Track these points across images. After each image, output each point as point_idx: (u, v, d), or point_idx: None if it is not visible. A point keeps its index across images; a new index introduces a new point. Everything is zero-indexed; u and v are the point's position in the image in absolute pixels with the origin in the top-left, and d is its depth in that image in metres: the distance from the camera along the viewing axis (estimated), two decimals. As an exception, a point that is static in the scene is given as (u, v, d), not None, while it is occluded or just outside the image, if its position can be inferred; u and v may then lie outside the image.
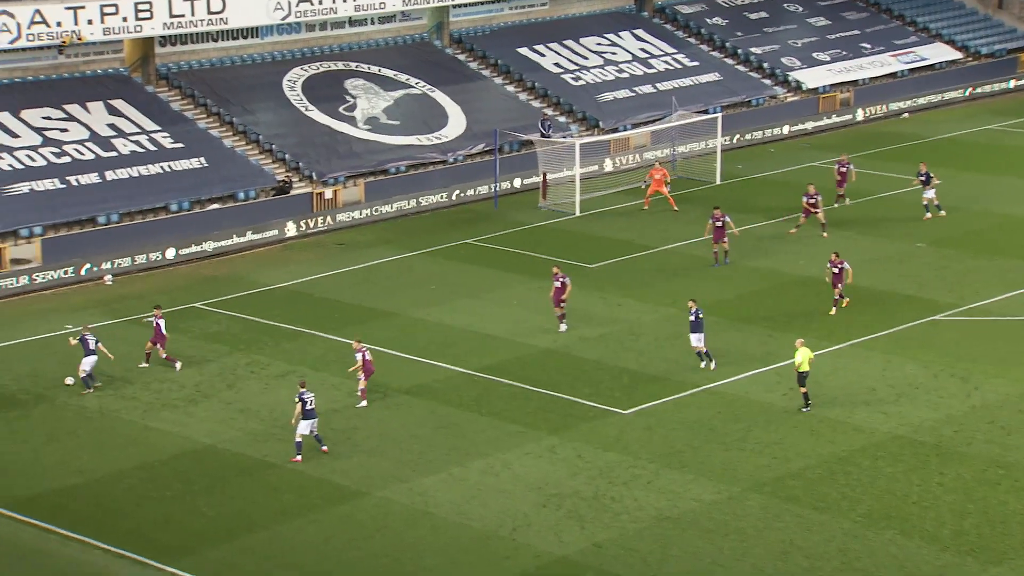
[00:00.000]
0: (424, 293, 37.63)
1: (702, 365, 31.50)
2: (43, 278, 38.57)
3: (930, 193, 42.47)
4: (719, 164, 48.39)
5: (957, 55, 61.22)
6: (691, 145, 50.73)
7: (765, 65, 57.57)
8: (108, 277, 39.38)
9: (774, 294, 36.82)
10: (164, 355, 32.16)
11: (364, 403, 30.21)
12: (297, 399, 27.67)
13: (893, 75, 59.11)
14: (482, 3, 54.64)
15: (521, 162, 48.28)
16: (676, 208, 44.41)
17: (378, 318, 35.70)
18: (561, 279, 33.76)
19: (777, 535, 24.49)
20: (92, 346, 30.80)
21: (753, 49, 58.25)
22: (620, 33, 57.17)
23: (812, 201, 41.50)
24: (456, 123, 49.74)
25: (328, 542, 24.54)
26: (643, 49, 56.54)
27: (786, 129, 54.58)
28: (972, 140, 53.06)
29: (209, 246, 41.50)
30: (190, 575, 23.38)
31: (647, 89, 54.10)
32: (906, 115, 57.42)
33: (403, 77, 51.10)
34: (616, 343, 33.42)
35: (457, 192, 46.70)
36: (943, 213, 41.66)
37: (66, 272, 38.90)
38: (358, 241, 42.92)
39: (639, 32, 57.58)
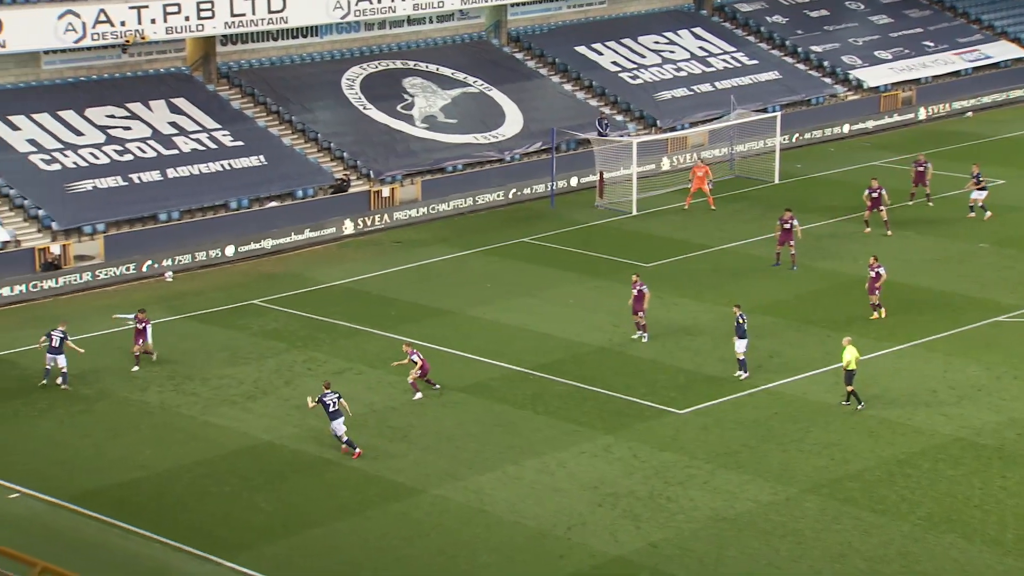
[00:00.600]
0: (480, 291, 37.69)
1: (736, 373, 30.98)
2: (105, 274, 39.14)
3: (980, 195, 41.59)
4: (777, 163, 48.02)
5: (1022, 53, 60.26)
6: (749, 144, 50.38)
7: (825, 63, 57.04)
8: (168, 274, 39.88)
9: (833, 294, 36.47)
10: (135, 351, 32.10)
11: (419, 395, 30.34)
12: (317, 401, 27.57)
13: (956, 73, 58.33)
14: (540, 1, 54.62)
15: (578, 161, 48.23)
16: (714, 207, 44.11)
17: (434, 316, 35.82)
18: (639, 287, 33.07)
19: (835, 537, 24.28)
20: (56, 344, 30.68)
21: (813, 47, 57.74)
22: (679, 31, 56.91)
23: (875, 195, 41.10)
24: (513, 122, 49.78)
25: (384, 539, 24.68)
26: (702, 47, 56.24)
27: (846, 128, 54.06)
28: (1037, 139, 52.27)
29: (268, 243, 41.87)
30: (248, 570, 23.61)
31: (705, 88, 53.81)
32: (969, 114, 56.64)
33: (460, 76, 51.21)
34: (672, 343, 33.28)
35: (513, 191, 46.75)
36: (988, 215, 40.82)
37: (128, 268, 39.44)
38: (415, 239, 43.09)
39: (698, 30, 57.28)
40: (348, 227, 43.58)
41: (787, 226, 38.32)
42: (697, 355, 32.59)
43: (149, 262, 39.86)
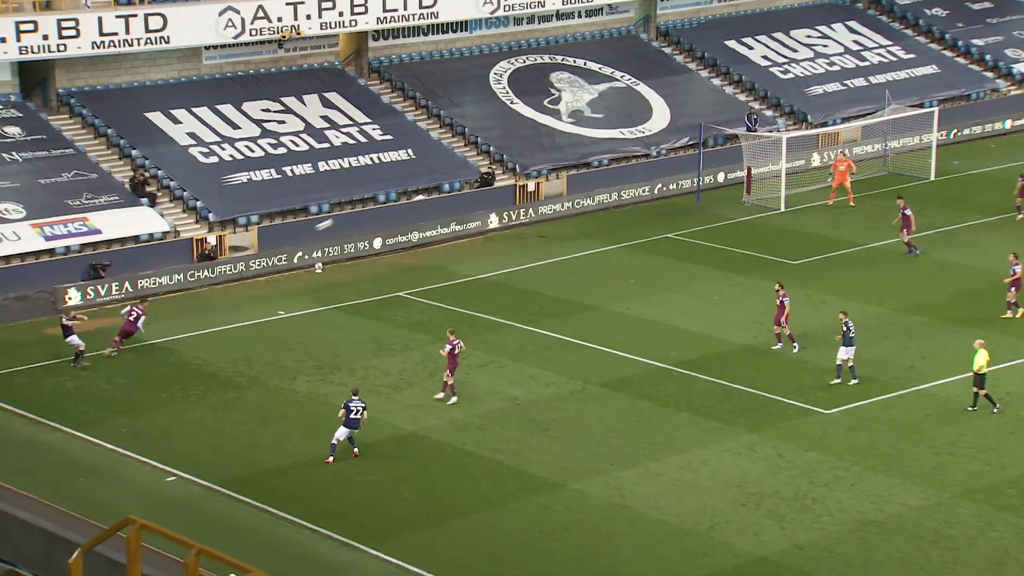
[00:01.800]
0: (623, 287, 37.60)
1: (836, 380, 30.12)
2: (258, 265, 40.23)
3: None
4: (934, 160, 46.70)
5: None
6: (904, 140, 49.11)
7: (987, 57, 55.18)
8: (318, 265, 40.79)
9: (989, 295, 35.32)
10: (118, 337, 32.98)
11: (441, 395, 29.95)
12: (343, 407, 27.50)
13: None
14: (689, -5, 54.20)
15: (725, 156, 47.69)
16: (853, 204, 43.08)
17: (577, 311, 35.87)
18: (781, 298, 32.44)
19: (991, 544, 23.55)
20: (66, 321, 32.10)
21: (975, 41, 55.91)
22: (832, 25, 55.73)
23: None
24: (660, 116, 49.47)
25: (525, 532, 24.84)
26: (856, 41, 54.99)
27: (1008, 124, 52.22)
28: None
29: (414, 236, 42.48)
30: (393, 559, 24.03)
31: (859, 82, 52.61)
32: None
33: (608, 70, 51.10)
34: (820, 341, 32.68)
35: (659, 186, 46.48)
36: None
37: (280, 260, 40.48)
38: (559, 234, 43.18)
39: (852, 24, 56.02)
40: (493, 221, 43.91)
41: (906, 212, 38.11)
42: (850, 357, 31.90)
43: (300, 254, 40.84)
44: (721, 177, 47.27)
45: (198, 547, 14.13)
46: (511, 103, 48.94)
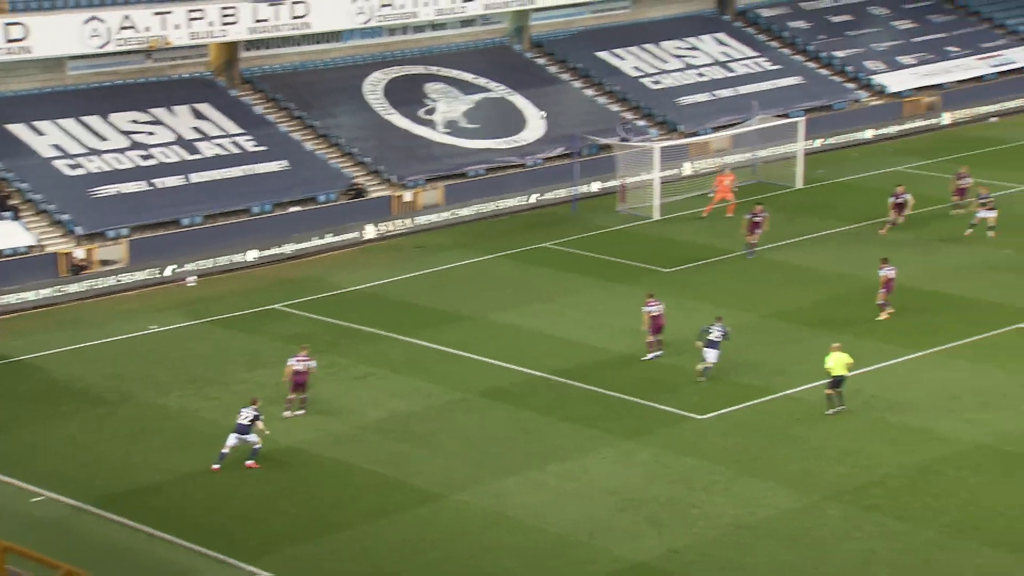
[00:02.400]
0: (501, 296, 37.81)
1: (703, 379, 31.05)
2: (129, 279, 39.45)
3: (989, 215, 40.38)
4: (800, 168, 48.03)
5: (1047, 58, 60.10)
6: (772, 149, 50.42)
7: (848, 69, 57.01)
8: (191, 278, 40.17)
9: (855, 300, 36.49)
10: None
11: (289, 413, 29.41)
12: (251, 411, 27.46)
13: (980, 79, 58.19)
14: (562, 7, 54.78)
15: (600, 166, 48.33)
16: (731, 214, 44.18)
17: (455, 321, 35.95)
18: (653, 306, 32.69)
19: (858, 545, 24.32)
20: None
21: (836, 53, 57.71)
22: (701, 36, 56.97)
23: (900, 201, 41.09)
24: (535, 127, 49.93)
25: (408, 543, 24.85)
26: (724, 52, 56.30)
27: (869, 133, 54.00)
28: (1062, 145, 52.11)
29: (289, 248, 42.12)
30: (271, 574, 23.79)
31: (727, 93, 53.86)
32: (994, 119, 56.49)
33: (482, 81, 51.38)
34: (693, 348, 33.33)
35: (536, 196, 46.88)
36: (991, 235, 40.15)
37: (151, 273, 39.75)
38: (436, 244, 43.24)
39: (720, 36, 57.34)
40: (369, 232, 43.78)
41: (757, 219, 39.83)
42: (720, 360, 32.61)
43: (172, 267, 40.16)
44: (596, 186, 47.88)
45: (66, 568, 13.82)
46: (386, 114, 48.87)
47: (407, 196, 45.45)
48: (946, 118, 55.56)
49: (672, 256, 40.89)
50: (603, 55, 54.51)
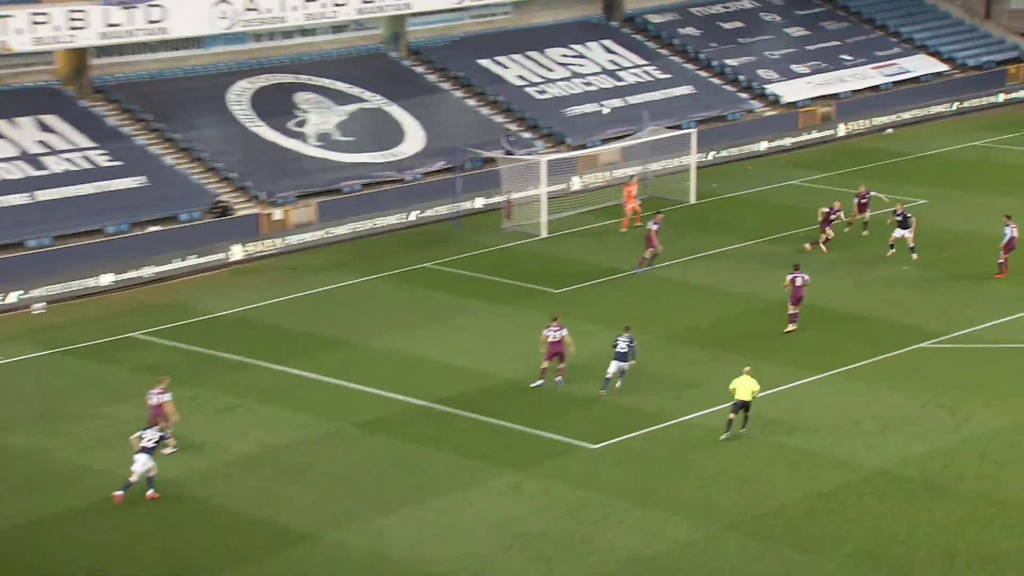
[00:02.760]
0: (380, 320, 37.62)
1: (603, 391, 31.75)
2: (-31, 306, 38.30)
3: (906, 233, 41.10)
4: (693, 182, 48.74)
5: (943, 67, 62.04)
6: (663, 162, 51.10)
7: (741, 78, 58.13)
8: (38, 305, 39.14)
9: (753, 320, 37.07)
10: None
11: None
12: (155, 433, 27.56)
13: (875, 88, 59.82)
14: (441, 12, 54.88)
15: (483, 181, 48.44)
16: (625, 230, 44.71)
17: (331, 347, 35.64)
18: (555, 330, 32.68)
19: (757, 577, 24.60)
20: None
21: (728, 61, 58.81)
22: (587, 43, 57.58)
23: (833, 217, 41.78)
24: (414, 139, 49.88)
25: (278, 589, 24.44)
26: (612, 60, 56.96)
27: (764, 145, 55.08)
28: (960, 157, 53.74)
29: (148, 271, 41.35)
30: (128, 626, 23.19)
31: (616, 103, 54.48)
32: (890, 130, 58.08)
33: (357, 90, 51.21)
34: (585, 373, 33.49)
35: (415, 213, 46.80)
36: (915, 257, 40.95)
37: (-7, 299, 38.67)
38: (310, 265, 42.86)
39: (608, 43, 58.02)
40: (237, 252, 43.21)
41: (656, 226, 40.66)
42: (611, 386, 32.82)
43: (17, 293, 39.08)
44: (479, 202, 47.97)
45: None
46: (253, 126, 48.37)
47: (277, 214, 44.97)
48: (841, 129, 56.95)
49: (562, 275, 41.10)
50: (485, 63, 54.72)
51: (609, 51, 57.49)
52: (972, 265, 40.77)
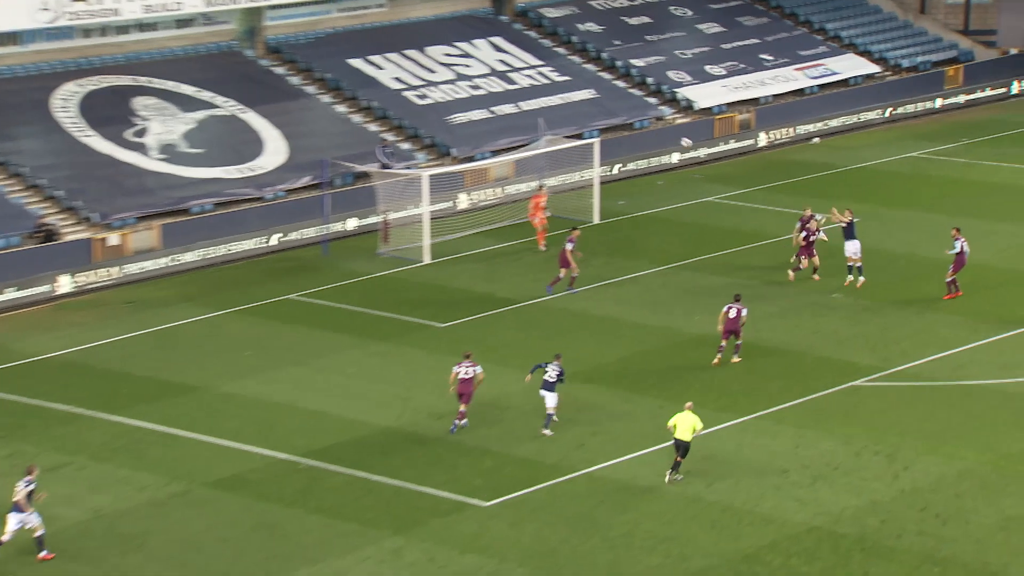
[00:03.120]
0: (237, 361, 37.31)
1: (545, 431, 32.49)
2: None
3: (853, 249, 41.39)
4: (597, 199, 49.18)
5: (874, 68, 63.56)
6: (563, 177, 51.51)
7: (649, 80, 58.91)
8: None
9: (666, 356, 37.46)
10: None
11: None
12: (24, 485, 27.41)
13: (800, 92, 61.04)
14: (304, 4, 54.80)
15: (356, 199, 48.38)
16: (544, 247, 45.27)
17: (178, 394, 35.26)
18: (471, 367, 32.97)
19: (674, 651, 24.80)
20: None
21: (634, 61, 59.58)
22: (474, 41, 57.90)
23: (815, 238, 41.88)
24: (274, 151, 49.67)
25: None
26: (502, 61, 57.35)
27: (676, 157, 55.83)
28: (894, 170, 55.03)
29: (-40, 307, 40.60)
30: None
31: (508, 109, 54.83)
32: (816, 140, 59.29)
33: (206, 95, 50.89)
34: (475, 419, 33.53)
35: (277, 236, 46.56)
36: (862, 279, 41.69)
37: None
38: (153, 298, 42.41)
39: (497, 40, 58.42)
40: (65, 284, 42.61)
41: (571, 244, 41.26)
42: (507, 433, 32.93)
43: None
44: (352, 224, 47.89)
45: None
46: (82, 136, 47.81)
47: (113, 239, 44.46)
48: (762, 139, 57.98)
49: (447, 307, 41.14)
50: (356, 63, 54.74)
51: (499, 50, 57.88)
52: (909, 291, 41.71)
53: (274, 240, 46.51)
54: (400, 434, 33.03)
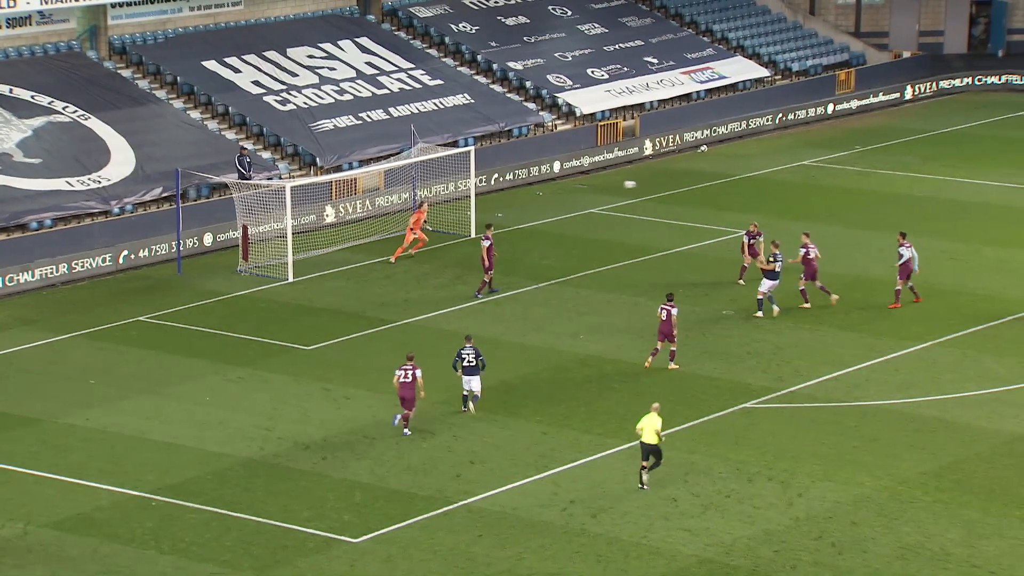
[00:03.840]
0: (82, 390, 36.81)
1: (465, 409, 34.15)
2: None
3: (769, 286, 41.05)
4: (473, 212, 49.27)
5: (763, 72, 64.55)
6: (437, 188, 51.52)
7: (527, 84, 59.20)
8: None
9: (549, 378, 37.60)
10: None
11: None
12: None
13: (687, 97, 61.76)
14: (152, 2, 54.25)
15: (213, 212, 47.95)
16: (394, 261, 45.55)
17: (14, 427, 34.70)
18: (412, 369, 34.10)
19: None
20: None
21: (512, 64, 59.84)
22: (339, 42, 57.75)
23: (752, 241, 42.79)
24: (121, 161, 49.07)
25: None
26: (370, 63, 57.26)
27: (557, 166, 56.14)
28: (785, 179, 55.88)
29: None
30: None
31: (377, 115, 54.75)
32: (704, 148, 60.01)
33: (44, 100, 50.19)
34: (345, 449, 33.38)
35: (126, 253, 45.99)
36: (776, 310, 41.54)
37: None
38: (-13, 322, 41.71)
39: (364, 41, 58.32)
40: None
41: (488, 242, 42.29)
42: (378, 464, 32.83)
43: None
44: (208, 239, 47.45)
45: None
46: (-90, 143, 46.82)
47: (-57, 257, 43.56)
48: (648, 147, 58.53)
49: (313, 328, 40.94)
50: (211, 65, 54.31)
51: (366, 51, 57.77)
52: (802, 307, 42.24)
53: (121, 258, 45.91)
54: (262, 466, 32.75)
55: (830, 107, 64.28)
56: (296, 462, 32.94)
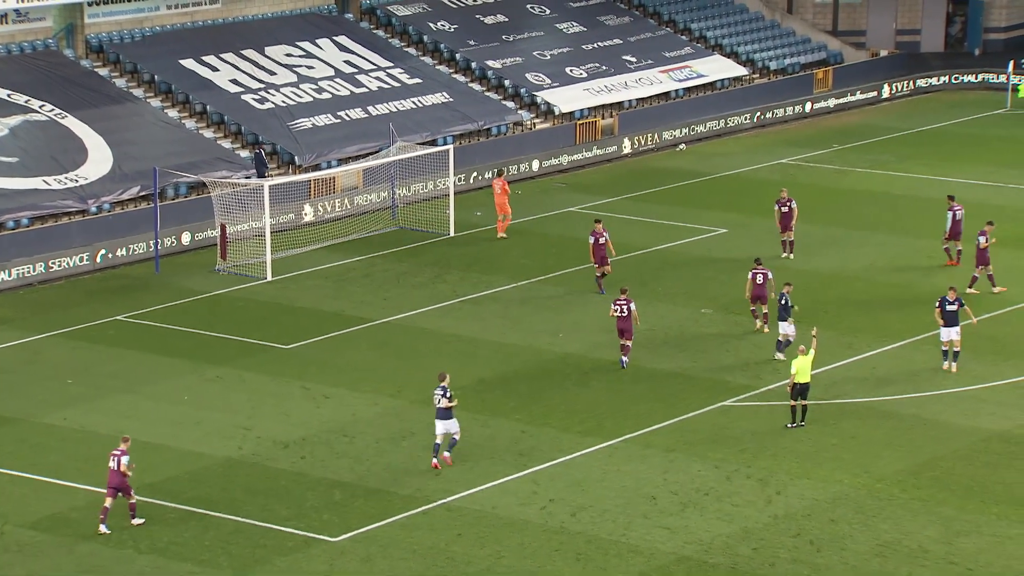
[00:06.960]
0: (59, 390, 36.72)
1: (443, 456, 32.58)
2: None
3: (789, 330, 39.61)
4: (452, 211, 49.25)
5: (741, 71, 64.64)
6: (415, 187, 51.49)
7: (506, 83, 59.19)
8: None
9: (528, 376, 37.59)
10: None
11: None
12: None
13: (665, 96, 61.82)
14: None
15: (191, 211, 47.84)
16: (504, 233, 47.41)
17: (-6, 427, 34.58)
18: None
19: None
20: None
21: (490, 62, 59.82)
22: (318, 41, 57.67)
23: (785, 209, 44.72)
24: (99, 160, 48.93)
25: None
26: (349, 62, 57.19)
27: (536, 165, 56.16)
28: (763, 177, 55.94)
29: None
30: None
31: (356, 114, 54.69)
32: (682, 147, 60.07)
33: (21, 98, 50.03)
34: (324, 448, 33.34)
35: (103, 252, 45.86)
36: (780, 356, 41.63)
37: None
38: (-36, 321, 41.57)
39: (343, 40, 58.25)
40: None
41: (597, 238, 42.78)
42: (358, 463, 32.80)
43: None
44: (186, 238, 47.35)
45: None
46: None
47: (-80, 256, 43.41)
48: (627, 145, 58.58)
49: (292, 327, 40.89)
50: (189, 64, 54.19)
51: (345, 50, 57.70)
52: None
53: (99, 257, 45.78)
54: (241, 466, 32.70)
55: (808, 106, 64.39)
56: (275, 461, 32.90)
